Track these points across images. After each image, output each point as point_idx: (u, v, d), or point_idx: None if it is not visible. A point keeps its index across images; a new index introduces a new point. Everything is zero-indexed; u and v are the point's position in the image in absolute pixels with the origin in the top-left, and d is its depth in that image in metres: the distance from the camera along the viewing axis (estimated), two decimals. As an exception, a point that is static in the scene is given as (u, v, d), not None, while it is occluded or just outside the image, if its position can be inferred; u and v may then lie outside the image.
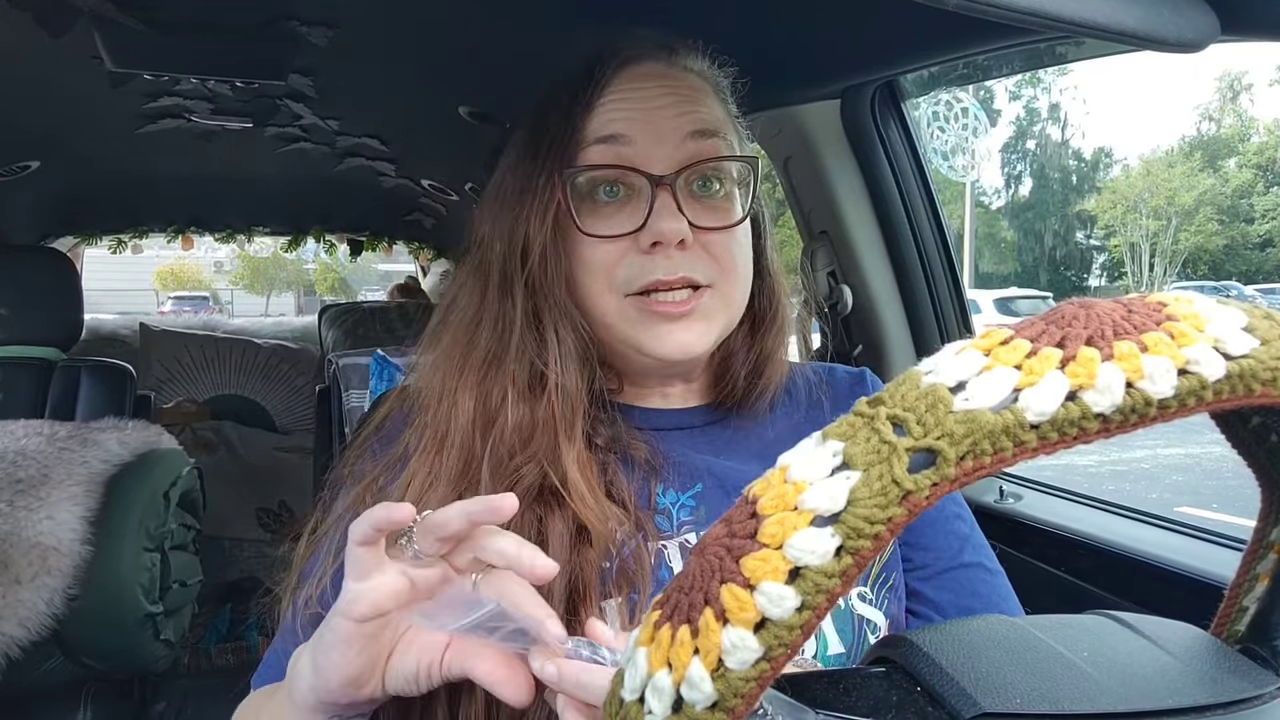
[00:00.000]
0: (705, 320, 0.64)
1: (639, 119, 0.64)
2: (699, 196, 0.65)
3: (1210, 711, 0.31)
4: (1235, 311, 0.28)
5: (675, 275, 0.62)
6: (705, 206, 0.64)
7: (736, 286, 0.66)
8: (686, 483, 0.66)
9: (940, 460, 0.25)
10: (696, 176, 0.64)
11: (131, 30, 1.12)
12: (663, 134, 0.63)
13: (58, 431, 1.46)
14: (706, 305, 0.64)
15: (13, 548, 1.29)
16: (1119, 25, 0.48)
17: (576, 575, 0.57)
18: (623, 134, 0.63)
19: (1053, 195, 29.64)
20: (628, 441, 0.66)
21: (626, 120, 0.64)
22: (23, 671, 1.31)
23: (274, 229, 3.14)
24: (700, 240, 0.63)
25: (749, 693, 0.25)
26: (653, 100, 0.64)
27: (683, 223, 0.62)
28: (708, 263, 0.64)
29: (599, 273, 0.64)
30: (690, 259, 0.63)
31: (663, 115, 0.64)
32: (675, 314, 0.63)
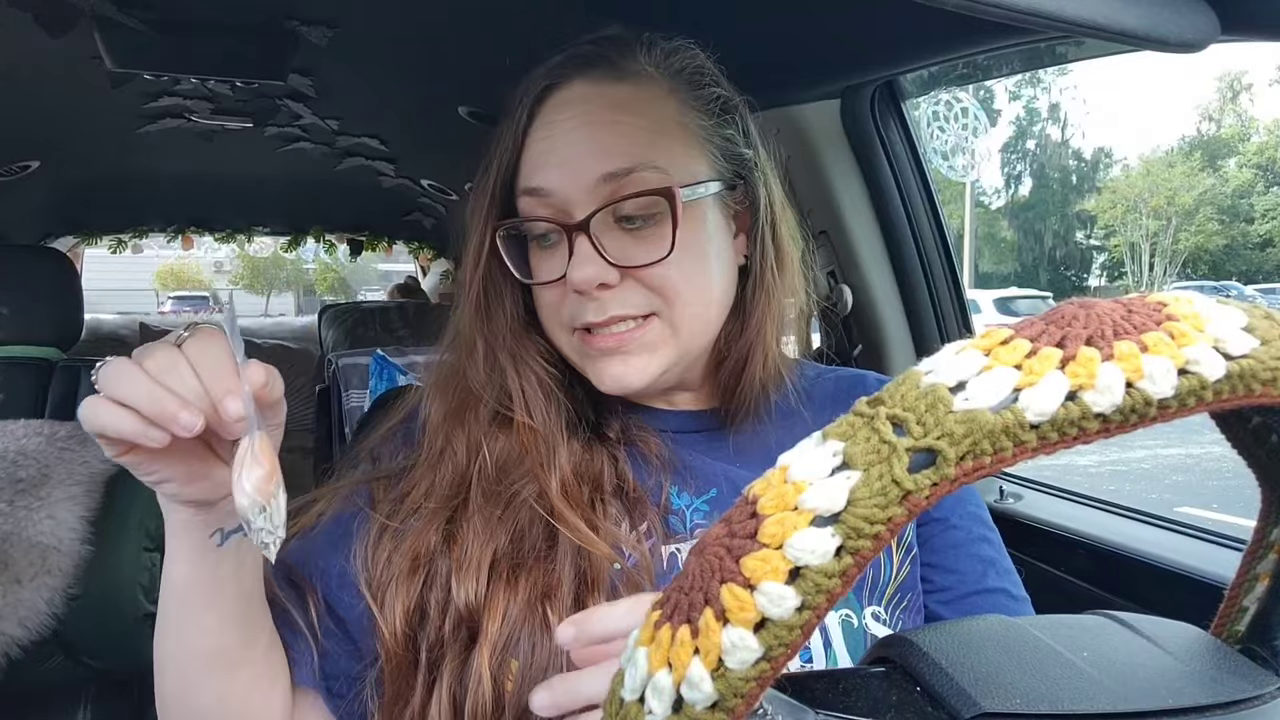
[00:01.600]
0: (646, 352, 0.63)
1: (557, 165, 0.63)
2: (628, 230, 0.62)
3: (1210, 711, 0.31)
4: (1235, 311, 0.28)
5: (604, 316, 0.62)
6: (635, 239, 0.62)
7: (686, 310, 0.64)
8: (702, 487, 0.66)
9: (940, 460, 0.25)
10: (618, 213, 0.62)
11: (131, 30, 1.12)
12: (578, 177, 0.62)
13: (58, 431, 1.46)
14: (650, 336, 0.63)
15: (13, 547, 1.29)
16: (1119, 25, 0.48)
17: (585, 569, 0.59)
18: (542, 187, 0.63)
19: (1053, 195, 29.64)
20: (638, 436, 0.66)
21: (546, 169, 0.63)
22: (23, 671, 1.31)
23: (274, 229, 3.14)
24: (634, 275, 0.62)
25: (749, 693, 0.25)
26: (570, 137, 0.63)
27: (597, 267, 0.61)
28: (645, 295, 0.63)
29: (547, 312, 0.66)
30: (622, 295, 0.62)
31: (578, 156, 0.62)
32: (610, 349, 0.63)
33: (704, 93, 0.67)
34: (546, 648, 0.55)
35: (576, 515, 0.60)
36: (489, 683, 0.55)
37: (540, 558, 0.59)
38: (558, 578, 0.58)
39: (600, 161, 0.62)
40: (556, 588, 0.57)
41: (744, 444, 0.69)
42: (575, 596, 0.57)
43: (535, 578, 0.58)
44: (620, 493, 0.63)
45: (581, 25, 0.70)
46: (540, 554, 0.60)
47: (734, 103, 0.69)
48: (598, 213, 0.61)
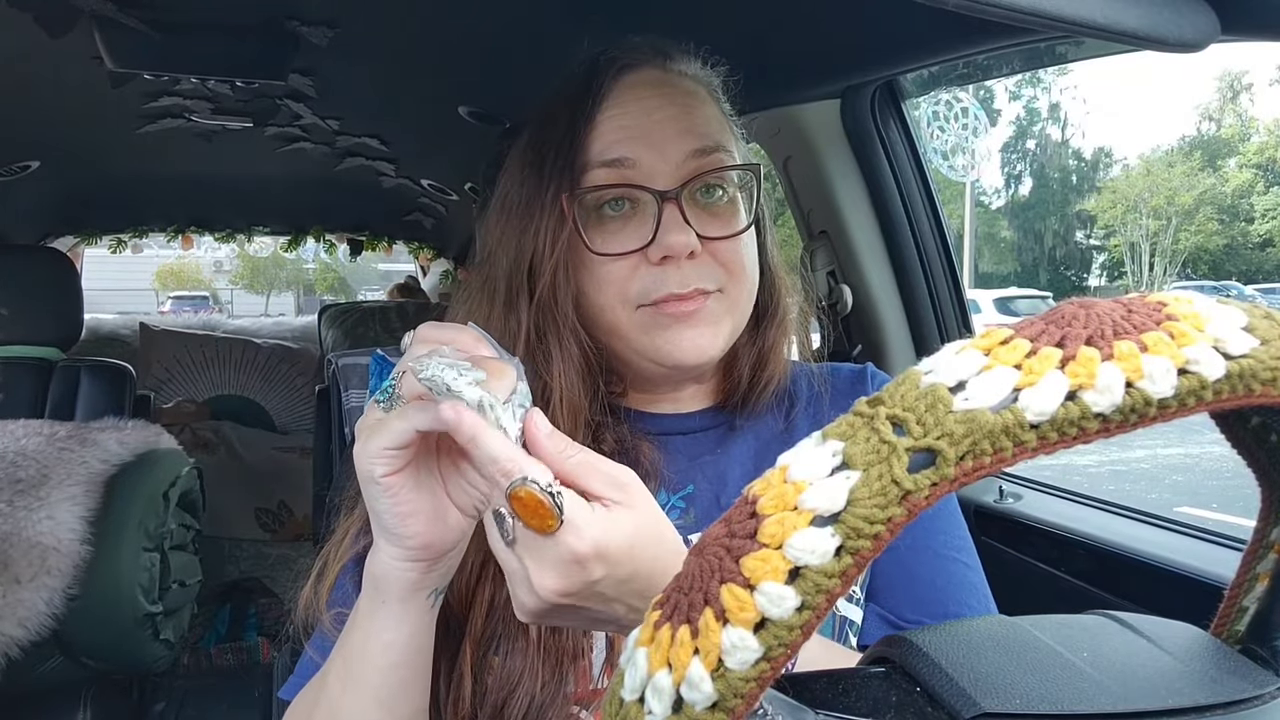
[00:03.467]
0: (715, 323, 0.65)
1: (640, 138, 0.64)
2: (704, 205, 0.65)
3: (1210, 711, 0.31)
4: (1235, 311, 0.28)
5: (688, 288, 0.63)
6: (711, 215, 0.65)
7: (744, 290, 0.67)
8: (679, 484, 0.67)
9: (940, 460, 0.25)
10: (700, 186, 0.65)
11: (132, 30, 1.12)
12: (665, 151, 0.64)
13: (57, 431, 1.46)
14: (713, 309, 0.65)
15: (13, 548, 1.29)
16: (1119, 25, 0.48)
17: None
18: (626, 157, 0.64)
19: (1053, 195, 29.64)
20: (632, 445, 0.67)
21: (629, 141, 0.64)
22: (23, 671, 1.31)
23: (274, 229, 3.14)
24: (708, 249, 0.64)
25: (749, 693, 0.25)
26: (652, 114, 0.65)
27: (690, 235, 0.62)
28: (717, 270, 0.65)
29: (611, 289, 0.65)
30: (700, 268, 0.64)
31: (664, 131, 0.64)
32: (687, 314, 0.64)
33: (726, 107, 0.72)
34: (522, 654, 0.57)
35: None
36: (469, 679, 0.56)
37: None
38: None
39: (687, 138, 0.64)
40: None
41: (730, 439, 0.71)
42: None
43: None
44: None
45: (581, 25, 0.70)
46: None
47: (739, 123, 0.73)
48: (691, 182, 0.63)
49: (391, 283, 3.88)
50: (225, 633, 2.50)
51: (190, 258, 23.62)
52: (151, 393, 2.11)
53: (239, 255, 22.52)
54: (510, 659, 0.56)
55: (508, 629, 0.57)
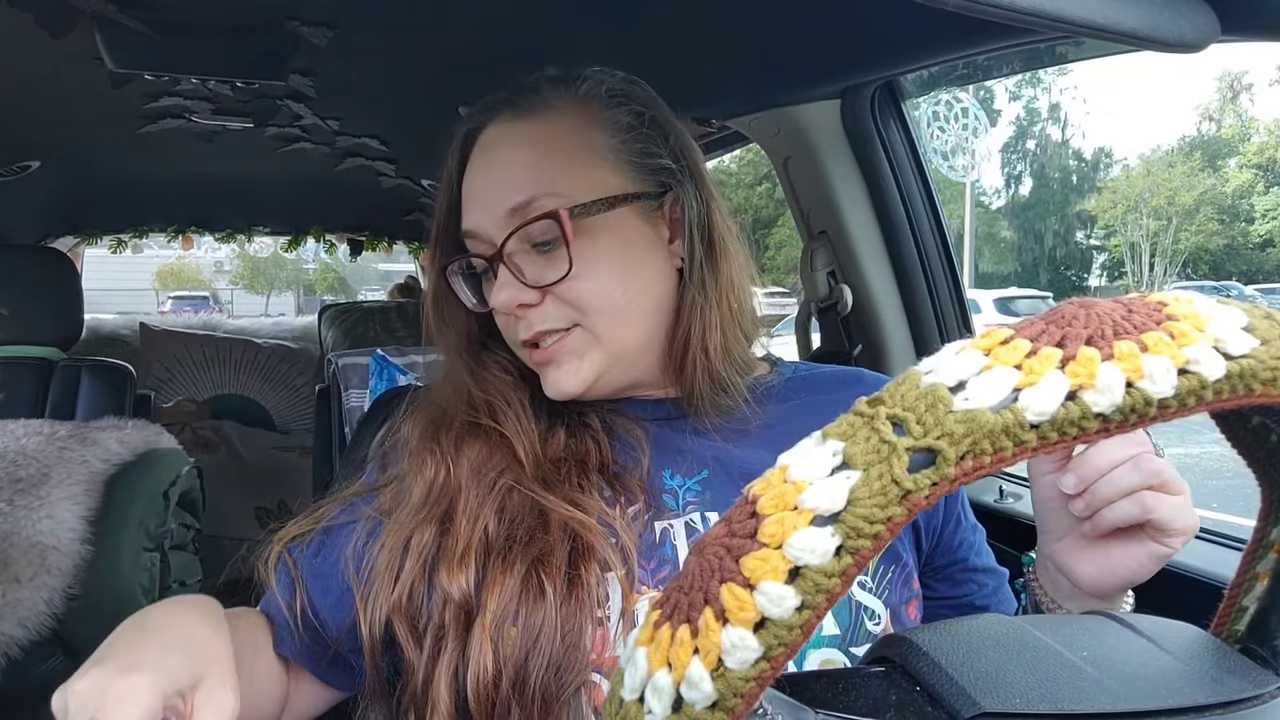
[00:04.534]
0: (574, 358, 0.69)
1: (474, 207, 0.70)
2: (541, 253, 0.68)
3: (1210, 711, 0.31)
4: (1235, 311, 0.28)
5: (530, 333, 0.68)
6: (547, 260, 0.67)
7: (603, 318, 0.68)
8: (693, 468, 0.69)
9: (940, 460, 0.25)
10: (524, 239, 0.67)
11: (132, 30, 1.12)
12: (491, 212, 0.68)
13: (58, 431, 1.46)
14: (574, 344, 0.68)
15: (13, 547, 1.29)
16: (1119, 25, 0.48)
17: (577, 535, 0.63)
18: (469, 229, 0.70)
19: (1053, 195, 29.63)
20: (616, 421, 0.71)
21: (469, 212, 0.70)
22: (23, 671, 1.31)
23: (274, 229, 3.14)
24: (553, 293, 0.67)
25: (749, 692, 0.25)
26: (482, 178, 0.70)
27: (509, 290, 0.67)
28: (565, 310, 0.68)
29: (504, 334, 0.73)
30: (544, 312, 0.68)
31: (487, 195, 0.69)
32: (543, 360, 0.69)
33: (615, 113, 0.71)
34: (541, 613, 0.59)
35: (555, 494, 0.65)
36: (489, 652, 0.58)
37: (533, 534, 0.63)
38: (551, 545, 0.62)
39: (504, 197, 0.68)
40: (550, 554, 0.61)
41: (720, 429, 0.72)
42: (570, 562, 0.61)
43: (530, 550, 0.62)
44: (603, 469, 0.68)
45: (581, 25, 0.70)
46: (533, 531, 0.63)
47: (647, 116, 0.72)
48: (506, 241, 0.67)
49: (391, 283, 3.88)
50: (225, 633, 2.49)
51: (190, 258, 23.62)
52: (152, 392, 2.11)
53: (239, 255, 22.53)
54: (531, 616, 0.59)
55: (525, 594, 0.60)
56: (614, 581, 0.62)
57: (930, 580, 0.74)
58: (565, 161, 0.69)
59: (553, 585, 0.59)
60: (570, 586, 0.60)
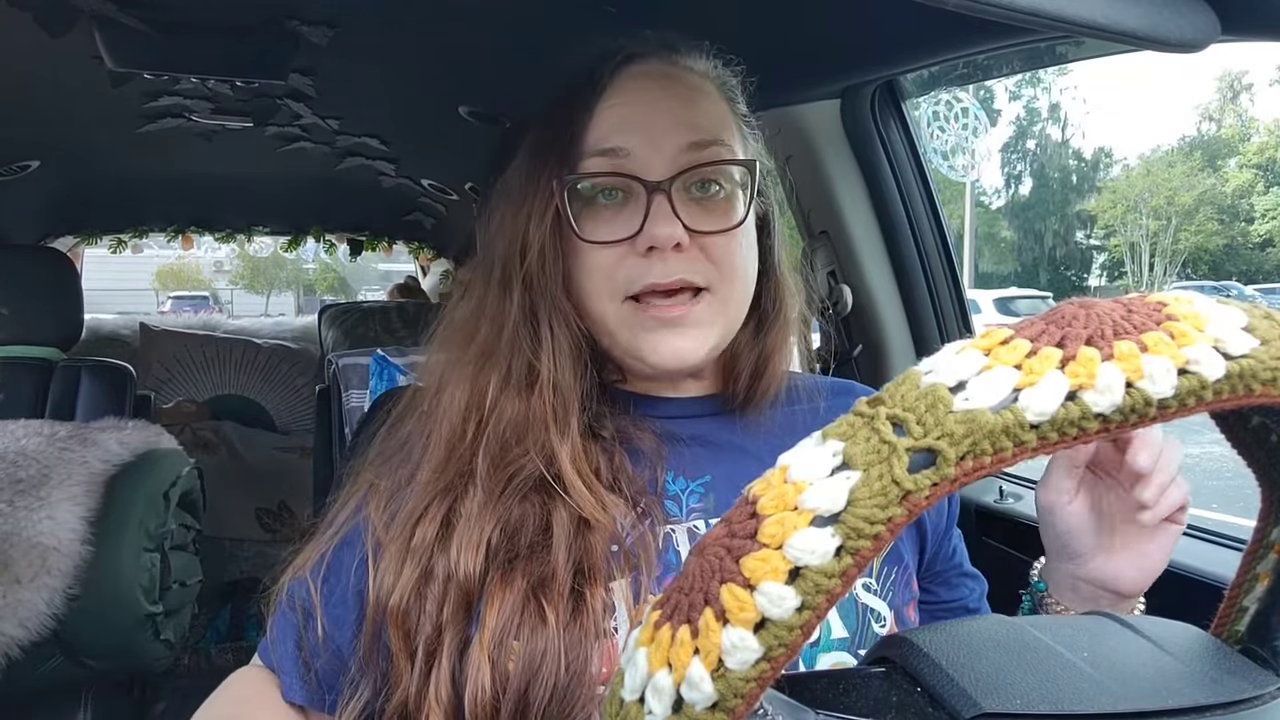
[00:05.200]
0: (701, 327, 0.64)
1: (637, 128, 0.64)
2: (698, 199, 0.65)
3: (1210, 711, 0.31)
4: (1235, 311, 0.28)
5: (671, 278, 0.63)
6: (704, 209, 0.65)
7: (735, 289, 0.66)
8: (696, 471, 0.67)
9: (940, 460, 0.25)
10: (695, 180, 0.65)
11: (131, 30, 1.12)
12: (660, 142, 0.64)
13: (58, 431, 1.46)
14: (702, 312, 0.64)
15: (13, 548, 1.29)
16: (1119, 25, 0.48)
17: (581, 558, 0.59)
18: (621, 147, 0.64)
19: (1053, 195, 29.61)
20: (633, 433, 0.67)
21: (625, 131, 0.64)
22: (23, 671, 1.31)
23: (274, 229, 3.14)
24: (699, 243, 0.64)
25: (749, 693, 0.25)
26: (651, 105, 0.65)
27: (676, 227, 0.62)
28: (706, 265, 0.64)
29: (597, 276, 0.65)
30: (687, 262, 0.63)
31: (660, 123, 0.64)
32: (670, 319, 0.64)
33: (738, 106, 0.72)
34: (543, 637, 0.56)
35: (584, 485, 0.61)
36: (487, 671, 0.55)
37: (535, 551, 0.60)
38: (553, 568, 0.58)
39: (684, 131, 0.64)
40: (551, 579, 0.58)
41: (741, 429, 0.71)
42: (573, 588, 0.58)
43: (531, 570, 0.59)
44: (616, 485, 0.64)
45: (581, 25, 0.70)
46: (535, 547, 0.60)
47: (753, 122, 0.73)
48: (682, 174, 0.63)
49: (391, 283, 3.88)
50: (226, 633, 2.50)
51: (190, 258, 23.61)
52: (152, 393, 2.11)
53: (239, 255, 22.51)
54: (531, 643, 0.56)
55: (526, 617, 0.57)
56: (619, 590, 0.60)
57: (930, 584, 0.74)
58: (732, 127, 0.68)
59: (554, 612, 0.56)
60: (575, 613, 0.57)
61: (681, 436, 0.69)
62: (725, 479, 0.67)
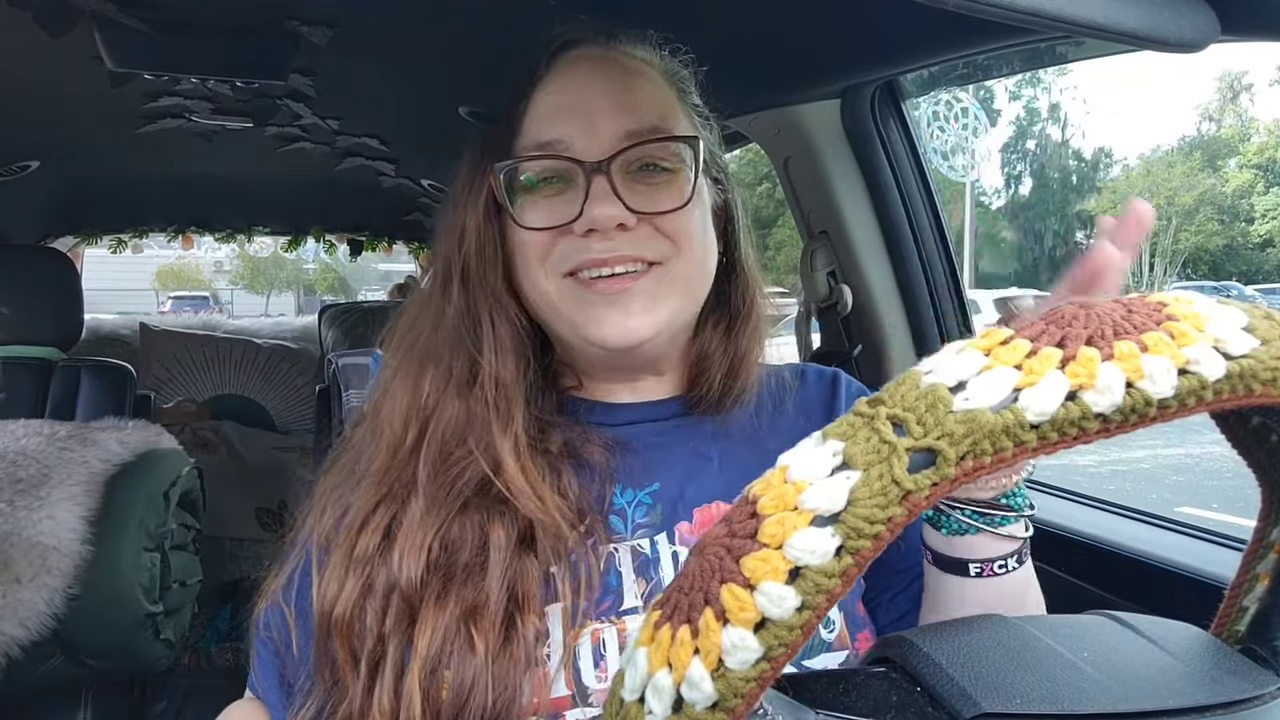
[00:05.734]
0: (648, 300, 0.62)
1: (574, 115, 0.63)
2: (643, 181, 0.63)
3: (1210, 711, 0.31)
4: (1235, 311, 0.28)
5: (615, 254, 0.61)
6: (649, 190, 0.63)
7: (693, 264, 0.64)
8: (645, 479, 0.66)
9: (940, 460, 0.25)
10: (637, 162, 0.63)
11: (132, 30, 1.12)
12: (598, 127, 0.62)
13: (58, 431, 1.46)
14: (648, 285, 0.62)
15: (13, 547, 1.29)
16: (1119, 25, 0.48)
17: (516, 583, 0.57)
18: (558, 139, 0.63)
19: (1053, 195, 29.61)
20: (582, 446, 0.65)
21: (562, 120, 0.63)
22: (23, 671, 1.31)
23: (274, 229, 3.14)
24: (649, 223, 0.62)
25: (749, 693, 0.25)
26: (588, 90, 0.64)
27: (617, 207, 0.60)
28: (658, 240, 0.63)
29: (534, 257, 0.64)
30: (636, 239, 0.62)
31: (598, 108, 0.63)
32: (613, 293, 0.61)
33: (690, 98, 0.70)
34: (472, 666, 0.55)
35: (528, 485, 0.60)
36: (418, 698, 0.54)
37: (471, 574, 0.58)
38: (485, 595, 0.57)
39: (623, 115, 0.62)
40: (484, 606, 0.57)
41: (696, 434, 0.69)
42: (506, 615, 0.57)
43: (464, 594, 0.57)
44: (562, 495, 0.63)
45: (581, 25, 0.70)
46: (471, 569, 0.58)
47: (708, 115, 0.71)
48: (620, 154, 0.61)
49: (391, 283, 3.88)
50: (226, 633, 2.49)
51: (190, 258, 23.61)
52: (152, 393, 2.11)
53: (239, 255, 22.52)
54: (460, 672, 0.55)
55: (457, 645, 0.56)
56: (556, 615, 0.58)
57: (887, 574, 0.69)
58: (677, 110, 0.66)
59: (484, 641, 0.55)
60: (505, 641, 0.56)
61: (634, 444, 0.67)
62: (674, 485, 0.65)
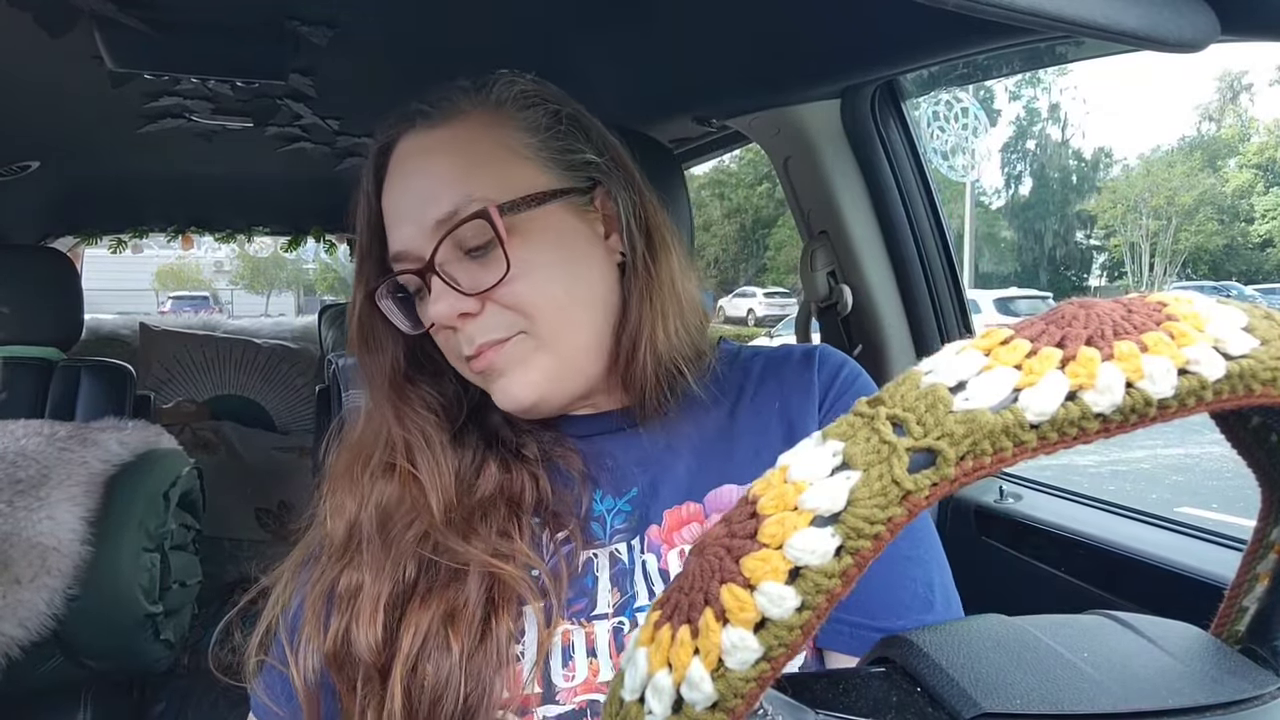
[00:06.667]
0: (520, 365, 0.65)
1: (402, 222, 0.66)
2: (476, 259, 0.65)
3: (1210, 711, 0.31)
4: (1235, 311, 0.28)
5: (473, 347, 0.65)
6: (482, 266, 0.64)
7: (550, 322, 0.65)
8: (622, 487, 0.67)
9: (940, 460, 0.25)
10: (456, 248, 0.65)
11: (132, 30, 1.12)
12: (420, 225, 0.65)
13: (57, 431, 1.46)
14: (513, 351, 0.65)
15: (13, 548, 1.29)
16: (1119, 25, 0.48)
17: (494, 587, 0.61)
18: (399, 251, 0.66)
19: (1053, 195, 29.63)
20: (557, 453, 0.68)
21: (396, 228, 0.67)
22: (23, 671, 1.31)
23: (274, 229, 3.14)
24: (493, 299, 0.64)
25: (749, 693, 0.25)
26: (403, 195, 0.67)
27: (450, 299, 0.63)
28: (507, 316, 0.65)
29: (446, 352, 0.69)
30: (485, 322, 0.65)
31: (411, 210, 0.66)
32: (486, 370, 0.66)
33: (530, 114, 0.69)
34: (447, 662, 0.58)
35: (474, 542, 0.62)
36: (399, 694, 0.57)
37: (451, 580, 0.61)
38: (465, 599, 0.60)
39: (427, 209, 0.64)
40: (462, 609, 0.60)
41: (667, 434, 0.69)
42: (484, 616, 0.60)
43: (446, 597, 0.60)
44: (540, 507, 0.65)
45: (581, 25, 0.70)
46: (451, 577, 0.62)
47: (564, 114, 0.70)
48: (437, 249, 0.64)
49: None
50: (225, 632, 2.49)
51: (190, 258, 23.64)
52: (151, 393, 2.11)
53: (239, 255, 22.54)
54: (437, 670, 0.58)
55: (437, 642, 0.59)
56: (530, 615, 0.60)
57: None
58: (486, 165, 0.66)
59: (459, 641, 0.58)
60: (481, 639, 0.59)
61: (609, 450, 0.69)
62: (648, 489, 0.66)
